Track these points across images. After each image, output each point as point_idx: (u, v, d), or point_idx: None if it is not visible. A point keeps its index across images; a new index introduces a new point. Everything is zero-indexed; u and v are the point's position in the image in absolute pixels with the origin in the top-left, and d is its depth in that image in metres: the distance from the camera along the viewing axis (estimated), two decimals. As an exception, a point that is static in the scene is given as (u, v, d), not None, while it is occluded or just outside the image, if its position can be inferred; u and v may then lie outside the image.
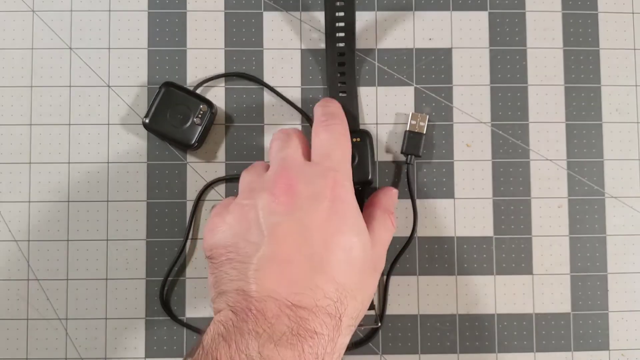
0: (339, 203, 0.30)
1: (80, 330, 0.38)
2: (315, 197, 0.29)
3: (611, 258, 0.39)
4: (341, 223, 0.29)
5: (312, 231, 0.28)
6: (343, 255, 0.29)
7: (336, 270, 0.28)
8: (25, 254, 0.39)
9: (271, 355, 0.25)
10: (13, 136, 0.39)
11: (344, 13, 0.37)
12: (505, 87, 0.40)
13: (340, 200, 0.30)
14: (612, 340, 0.39)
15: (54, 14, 0.40)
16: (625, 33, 0.41)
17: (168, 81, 0.38)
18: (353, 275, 0.29)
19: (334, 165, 0.31)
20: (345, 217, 0.30)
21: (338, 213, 0.29)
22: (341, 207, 0.30)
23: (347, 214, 0.30)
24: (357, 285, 0.29)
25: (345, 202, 0.30)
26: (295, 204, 0.29)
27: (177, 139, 0.38)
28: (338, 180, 0.30)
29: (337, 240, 0.29)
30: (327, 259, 0.28)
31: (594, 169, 0.40)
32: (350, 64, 0.38)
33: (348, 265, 0.29)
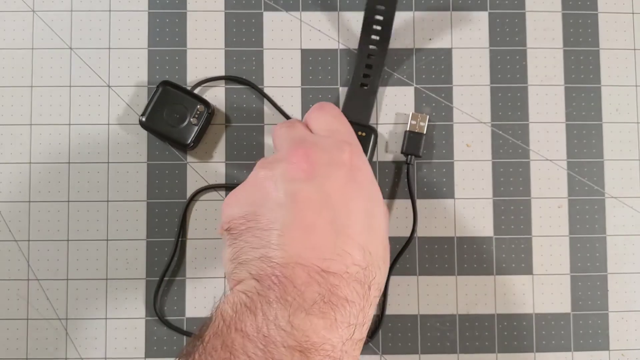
0: (357, 171, 0.29)
1: (80, 330, 0.38)
2: (333, 164, 0.28)
3: (611, 258, 0.40)
4: (361, 190, 0.28)
5: (333, 197, 0.27)
6: (366, 221, 0.28)
7: (361, 236, 0.27)
8: (25, 254, 0.39)
9: (302, 324, 0.23)
10: (13, 136, 0.39)
11: (385, 7, 0.37)
12: (505, 87, 0.40)
13: (358, 168, 0.29)
14: (612, 340, 0.39)
15: (54, 14, 0.40)
16: (625, 33, 0.41)
17: (166, 80, 0.38)
18: (377, 243, 0.28)
19: (346, 138, 0.30)
20: (365, 185, 0.29)
21: (357, 180, 0.29)
22: (360, 175, 0.29)
23: (365, 182, 0.29)
24: (381, 254, 0.28)
25: (363, 170, 0.29)
26: (314, 170, 0.28)
27: (173, 138, 0.38)
28: (354, 150, 0.30)
29: (359, 206, 0.28)
30: (351, 225, 0.27)
31: (594, 169, 0.40)
32: (379, 59, 0.38)
33: (372, 232, 0.28)
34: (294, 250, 0.25)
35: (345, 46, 0.40)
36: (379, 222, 0.29)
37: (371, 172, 0.31)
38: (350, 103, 0.38)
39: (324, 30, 0.40)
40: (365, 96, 0.38)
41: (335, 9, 0.40)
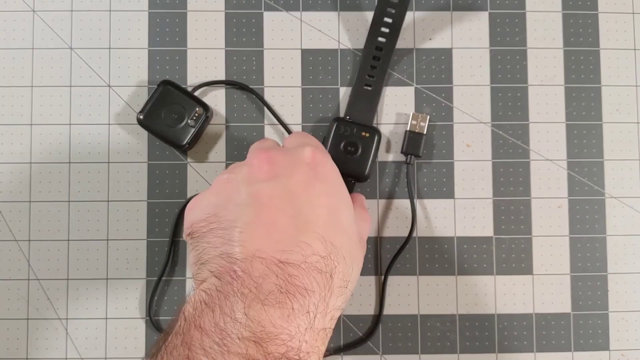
0: (320, 167, 0.29)
1: (81, 330, 0.38)
2: (294, 163, 0.29)
3: (611, 258, 0.40)
4: (324, 186, 0.29)
5: (295, 193, 0.28)
6: (328, 215, 0.28)
7: (322, 228, 0.27)
8: (26, 254, 0.39)
9: (258, 315, 0.24)
10: (14, 136, 0.39)
11: (395, 10, 0.38)
12: (505, 87, 0.40)
13: (321, 164, 0.30)
14: (612, 340, 0.39)
15: (55, 14, 0.40)
16: (626, 33, 0.41)
17: (167, 80, 0.38)
18: (340, 236, 0.28)
19: (311, 144, 0.31)
20: (329, 182, 0.29)
21: (320, 178, 0.29)
22: (323, 172, 0.29)
23: (329, 179, 0.30)
24: (345, 246, 0.28)
25: (327, 167, 0.30)
26: (276, 170, 0.29)
27: (168, 137, 0.38)
28: (316, 151, 0.30)
29: (321, 201, 0.28)
30: (312, 218, 0.27)
31: (594, 169, 0.40)
32: (384, 61, 0.38)
33: (334, 225, 0.28)
34: (254, 245, 0.26)
35: (346, 46, 0.40)
36: (344, 218, 0.29)
37: (336, 170, 0.31)
38: (354, 104, 0.38)
39: (324, 30, 0.40)
40: (369, 97, 0.38)
41: (336, 9, 0.40)
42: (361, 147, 0.37)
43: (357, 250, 0.30)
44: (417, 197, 0.39)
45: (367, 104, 0.38)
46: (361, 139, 0.37)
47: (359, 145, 0.37)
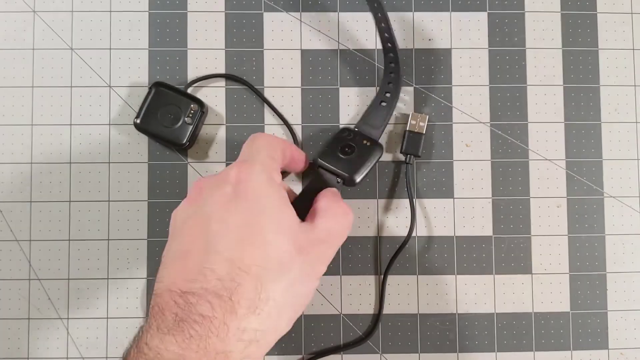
0: (242, 184, 0.29)
1: (82, 329, 0.39)
2: (219, 184, 0.29)
3: (610, 257, 0.40)
4: (242, 203, 0.28)
5: (211, 216, 0.28)
6: (241, 232, 0.27)
7: (231, 249, 0.27)
8: (27, 254, 0.39)
9: (157, 344, 0.25)
10: (14, 136, 0.39)
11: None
12: (504, 87, 0.40)
13: (245, 181, 0.29)
14: (611, 339, 0.39)
15: (55, 15, 0.40)
16: (624, 33, 0.41)
17: (158, 81, 0.39)
18: (255, 251, 0.27)
19: (245, 158, 0.31)
20: (249, 197, 0.29)
21: (240, 195, 0.29)
22: (244, 188, 0.29)
23: (250, 194, 0.29)
24: (261, 261, 0.27)
25: (250, 183, 0.29)
26: (200, 196, 0.29)
27: (168, 138, 0.38)
28: (244, 166, 0.30)
29: (236, 220, 0.28)
30: (222, 240, 0.27)
31: (592, 168, 0.40)
32: (397, 76, 0.39)
33: (248, 242, 0.27)
34: (170, 279, 0.27)
35: (345, 47, 0.40)
36: (267, 231, 0.28)
37: (264, 182, 0.30)
38: (367, 118, 0.39)
39: (324, 30, 0.40)
40: (383, 113, 0.39)
41: (335, 10, 0.41)
42: (358, 152, 0.36)
43: (288, 259, 0.28)
44: (416, 196, 0.40)
45: (378, 119, 0.38)
46: (361, 145, 0.37)
47: (357, 150, 0.36)
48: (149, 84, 0.40)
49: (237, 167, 0.30)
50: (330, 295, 0.39)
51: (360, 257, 0.39)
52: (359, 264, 0.39)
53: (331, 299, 0.39)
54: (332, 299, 0.39)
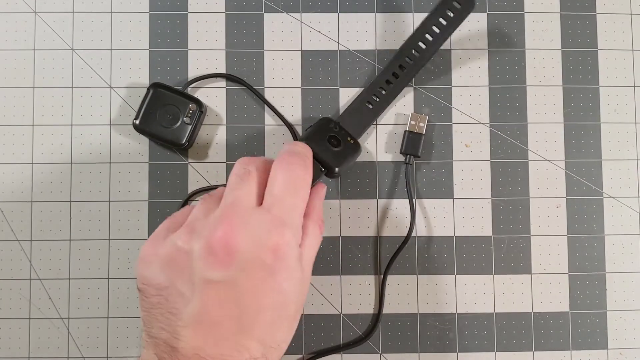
0: (279, 262, 0.28)
1: (82, 329, 0.39)
2: (254, 259, 0.28)
3: (609, 258, 0.40)
4: (276, 283, 0.28)
5: (245, 294, 0.27)
6: (274, 314, 0.28)
7: (265, 330, 0.28)
8: (28, 254, 0.39)
9: None
10: (15, 137, 0.40)
11: (434, 38, 0.38)
12: (504, 87, 0.40)
13: (280, 260, 0.28)
14: (611, 339, 0.39)
15: (56, 15, 0.40)
16: (624, 34, 0.41)
17: (156, 82, 0.39)
18: (282, 330, 0.29)
19: (283, 215, 0.29)
20: (283, 276, 0.28)
21: (275, 274, 0.28)
22: (279, 266, 0.28)
23: (284, 273, 0.28)
24: (284, 335, 0.29)
25: (285, 260, 0.28)
26: (231, 264, 0.27)
27: (167, 139, 0.38)
28: (283, 239, 0.28)
29: (269, 302, 0.28)
30: (257, 321, 0.28)
31: (592, 169, 0.40)
32: (399, 84, 0.38)
33: (278, 322, 0.28)
34: (196, 342, 0.27)
35: (345, 48, 0.40)
36: (290, 308, 0.29)
37: (295, 256, 0.29)
38: (349, 112, 0.38)
39: (324, 31, 0.41)
40: (366, 115, 0.38)
41: (335, 11, 0.41)
42: (343, 147, 0.36)
43: (297, 317, 0.30)
44: (416, 197, 0.40)
45: (361, 120, 0.38)
46: (345, 141, 0.36)
47: (342, 144, 0.36)
48: (150, 84, 0.40)
49: (276, 237, 0.28)
50: (330, 295, 0.39)
51: (360, 257, 0.39)
52: (359, 264, 0.39)
53: (331, 299, 0.39)
54: (332, 299, 0.39)
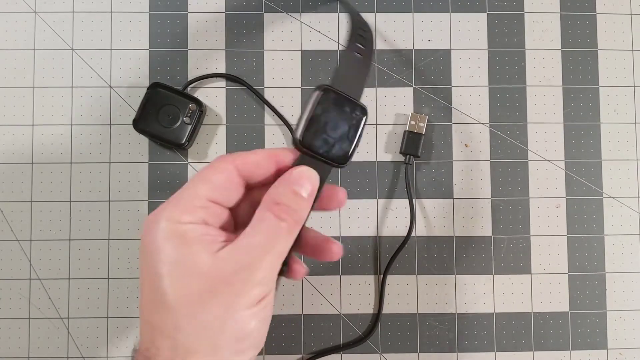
0: (142, 243, 0.27)
1: (82, 329, 0.39)
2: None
3: (609, 258, 0.40)
4: (143, 264, 0.27)
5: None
6: (149, 295, 0.26)
7: (146, 310, 0.26)
8: (27, 254, 0.39)
9: None
10: (15, 136, 0.40)
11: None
12: (503, 88, 0.40)
13: (143, 239, 0.27)
14: (610, 339, 0.39)
15: (56, 15, 0.40)
16: (624, 34, 0.41)
17: (155, 82, 0.39)
18: (161, 314, 0.26)
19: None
20: (146, 256, 0.26)
21: (141, 254, 0.27)
22: (142, 247, 0.27)
23: (148, 252, 0.26)
24: (171, 321, 0.25)
25: (147, 239, 0.26)
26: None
27: (167, 138, 0.38)
28: (146, 221, 0.27)
29: (143, 281, 0.27)
30: (141, 299, 0.27)
31: (591, 169, 0.40)
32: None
33: (154, 304, 0.26)
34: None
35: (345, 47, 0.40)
36: (165, 294, 0.26)
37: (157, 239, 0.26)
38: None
39: (324, 31, 0.41)
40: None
41: (335, 11, 0.41)
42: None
43: (201, 302, 0.26)
44: (416, 197, 0.40)
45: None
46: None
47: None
48: (149, 84, 0.40)
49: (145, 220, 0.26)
50: (330, 295, 0.39)
51: (360, 257, 0.39)
52: (359, 264, 0.39)
53: (331, 299, 0.39)
54: (331, 299, 0.39)
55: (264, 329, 0.27)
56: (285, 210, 0.26)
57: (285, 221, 0.26)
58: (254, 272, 0.25)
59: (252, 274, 0.25)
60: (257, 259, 0.25)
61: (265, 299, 0.26)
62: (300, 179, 0.27)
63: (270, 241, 0.26)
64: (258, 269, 0.25)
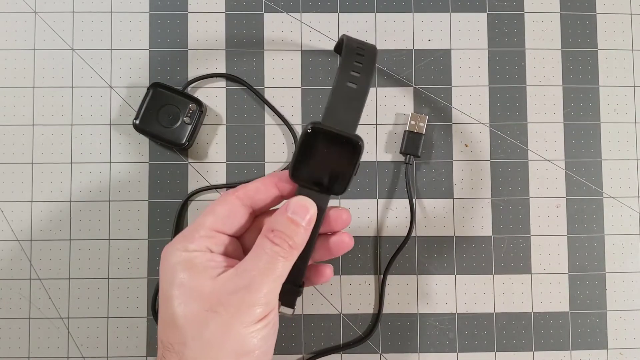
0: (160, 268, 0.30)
1: (82, 329, 0.39)
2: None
3: (609, 257, 0.40)
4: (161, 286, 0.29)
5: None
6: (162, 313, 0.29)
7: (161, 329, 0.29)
8: (28, 254, 0.39)
9: None
10: (15, 136, 0.40)
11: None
12: (503, 87, 0.40)
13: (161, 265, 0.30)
14: (611, 339, 0.39)
15: (56, 15, 0.40)
16: (623, 34, 0.41)
17: (156, 82, 0.39)
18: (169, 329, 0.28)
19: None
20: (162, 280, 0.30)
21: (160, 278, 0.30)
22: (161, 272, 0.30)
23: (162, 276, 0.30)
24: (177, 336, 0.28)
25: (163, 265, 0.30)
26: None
27: (167, 138, 0.38)
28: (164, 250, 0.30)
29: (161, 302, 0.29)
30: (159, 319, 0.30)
31: (592, 169, 0.40)
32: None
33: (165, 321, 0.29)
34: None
35: (345, 47, 0.40)
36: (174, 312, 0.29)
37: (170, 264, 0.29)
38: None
39: (324, 31, 0.41)
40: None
41: (335, 11, 0.41)
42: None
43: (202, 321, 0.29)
44: (416, 196, 0.40)
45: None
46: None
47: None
48: (150, 84, 0.40)
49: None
50: (330, 295, 0.39)
51: (360, 257, 0.39)
52: (359, 264, 0.39)
53: (331, 299, 0.39)
54: (332, 299, 0.39)
55: (267, 347, 0.29)
56: (279, 236, 0.28)
57: (279, 246, 0.28)
58: (251, 293, 0.28)
59: (249, 294, 0.28)
60: (255, 281, 0.28)
61: (266, 319, 0.28)
62: (295, 207, 0.29)
63: (267, 265, 0.28)
64: (255, 291, 0.28)
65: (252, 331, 0.28)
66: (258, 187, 0.30)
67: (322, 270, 0.33)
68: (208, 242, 0.30)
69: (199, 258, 0.29)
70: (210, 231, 0.30)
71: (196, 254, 0.29)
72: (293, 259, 0.29)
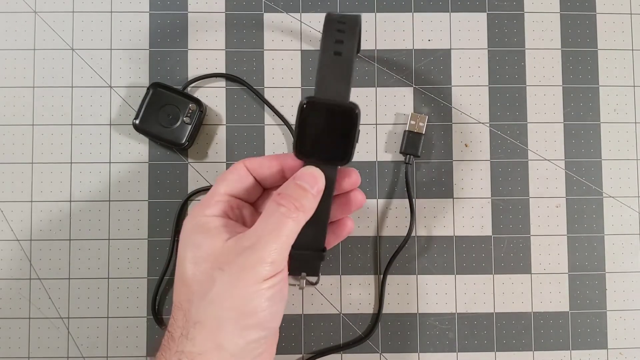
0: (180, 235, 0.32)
1: (82, 329, 0.39)
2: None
3: (609, 257, 0.40)
4: (178, 250, 0.31)
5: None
6: (177, 274, 0.31)
7: (175, 290, 0.31)
8: (28, 254, 0.39)
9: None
10: (15, 136, 0.40)
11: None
12: (503, 87, 0.40)
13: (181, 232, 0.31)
14: (610, 339, 0.39)
15: (56, 15, 0.40)
16: (623, 34, 0.41)
17: (156, 82, 0.39)
18: (180, 287, 0.30)
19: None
20: (180, 244, 0.31)
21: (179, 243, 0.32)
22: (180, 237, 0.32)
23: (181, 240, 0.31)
24: (185, 294, 0.29)
25: (182, 232, 0.31)
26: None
27: (167, 138, 0.38)
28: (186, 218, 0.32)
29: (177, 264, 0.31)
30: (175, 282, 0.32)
31: (591, 168, 0.40)
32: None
33: (177, 280, 0.30)
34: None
35: (345, 47, 0.40)
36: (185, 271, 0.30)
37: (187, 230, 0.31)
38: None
39: (324, 31, 0.41)
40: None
41: (335, 10, 0.41)
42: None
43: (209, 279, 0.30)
44: (416, 196, 0.40)
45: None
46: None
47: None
48: (150, 84, 0.40)
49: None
50: (330, 295, 0.39)
51: (360, 257, 0.39)
52: (359, 264, 0.39)
53: (331, 299, 0.39)
54: (331, 299, 0.39)
55: (272, 310, 0.29)
56: (284, 198, 0.29)
57: (285, 207, 0.29)
58: (256, 252, 0.28)
59: (254, 253, 0.28)
60: (260, 241, 0.28)
61: (272, 279, 0.29)
62: (302, 175, 0.30)
63: (273, 226, 0.29)
64: (260, 249, 0.28)
65: (256, 290, 0.28)
66: (262, 160, 0.32)
67: (343, 222, 0.34)
68: (223, 207, 0.31)
69: (214, 222, 0.30)
70: (225, 196, 0.31)
71: (212, 218, 0.30)
72: (300, 221, 0.29)
